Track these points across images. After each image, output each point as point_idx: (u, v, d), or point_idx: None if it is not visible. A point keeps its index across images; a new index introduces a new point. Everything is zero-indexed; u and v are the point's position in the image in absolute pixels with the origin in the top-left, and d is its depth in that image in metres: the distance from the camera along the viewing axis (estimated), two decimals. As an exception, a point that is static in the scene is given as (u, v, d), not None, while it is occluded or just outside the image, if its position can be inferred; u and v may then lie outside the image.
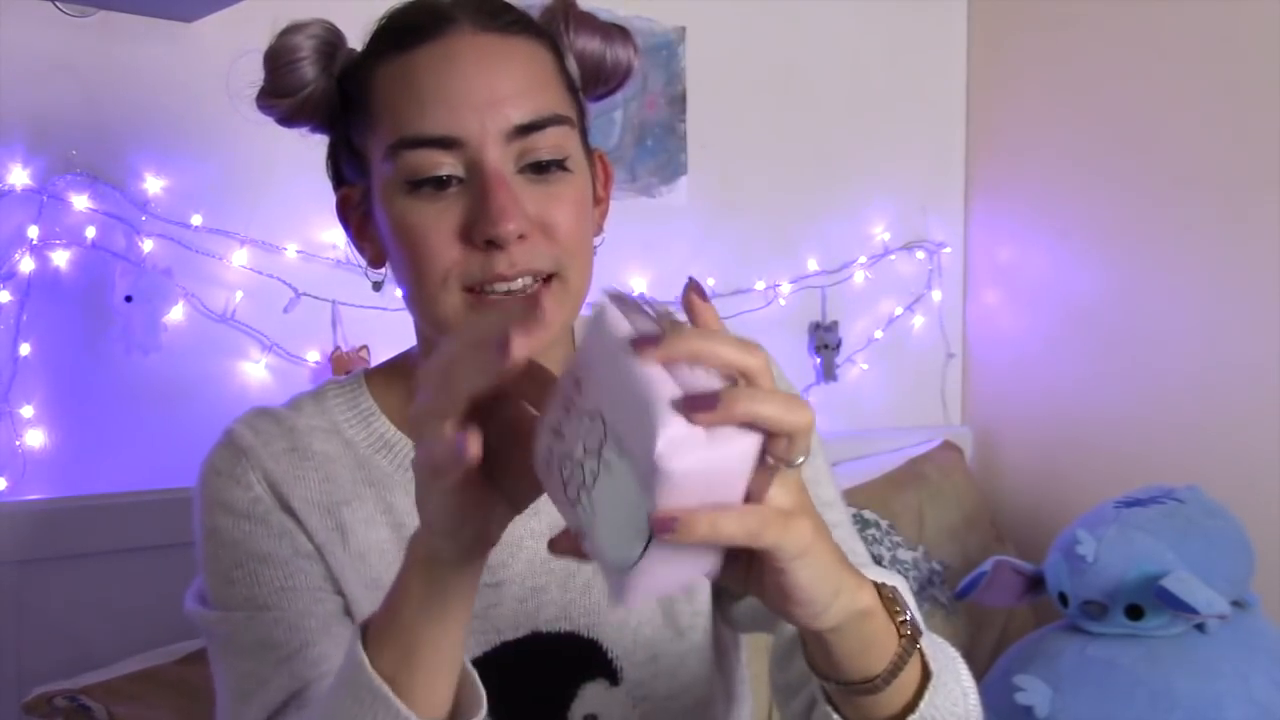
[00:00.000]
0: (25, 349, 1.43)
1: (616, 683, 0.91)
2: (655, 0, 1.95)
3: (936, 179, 2.40)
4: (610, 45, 0.89)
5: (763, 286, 2.12)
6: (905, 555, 1.95)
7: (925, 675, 0.68)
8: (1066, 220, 2.25)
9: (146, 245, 1.50)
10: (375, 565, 0.87)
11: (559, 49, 0.87)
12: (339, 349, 1.63)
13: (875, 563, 1.04)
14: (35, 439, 1.44)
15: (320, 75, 0.85)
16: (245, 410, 0.91)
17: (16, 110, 1.42)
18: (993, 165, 2.39)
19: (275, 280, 1.59)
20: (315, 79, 0.84)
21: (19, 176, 1.42)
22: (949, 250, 2.38)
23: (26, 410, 1.43)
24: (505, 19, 0.83)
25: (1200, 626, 1.67)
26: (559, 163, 0.82)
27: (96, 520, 1.42)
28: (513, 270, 0.78)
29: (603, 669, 0.91)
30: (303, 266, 1.61)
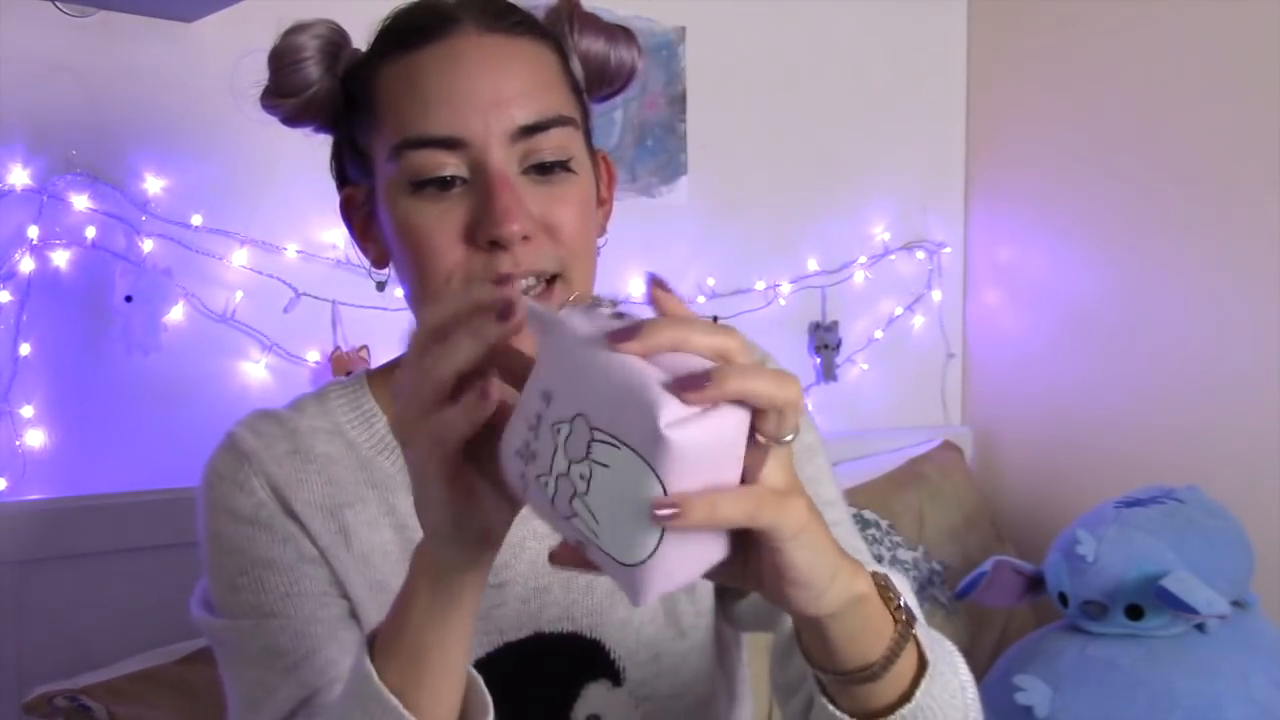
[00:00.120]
0: (25, 349, 1.43)
1: (619, 683, 0.91)
2: (655, 0, 1.95)
3: (936, 179, 2.40)
4: (614, 46, 0.89)
5: (763, 286, 2.12)
6: (905, 555, 1.95)
7: (922, 665, 0.67)
8: (1066, 220, 2.25)
9: (146, 245, 1.50)
10: (379, 567, 0.87)
11: (563, 50, 0.87)
12: (339, 349, 1.63)
13: (875, 562, 1.04)
14: (35, 439, 1.44)
15: (325, 75, 0.85)
16: (246, 412, 0.91)
17: (16, 110, 1.42)
18: (993, 165, 2.39)
19: (275, 280, 1.59)
20: (320, 79, 0.84)
21: (19, 176, 1.42)
22: (949, 250, 2.38)
23: (26, 410, 1.43)
24: (510, 20, 0.83)
25: (1200, 626, 1.67)
26: (563, 164, 0.82)
27: (96, 520, 1.42)
28: (517, 271, 0.78)
29: (605, 669, 0.91)
30: (303, 266, 1.61)
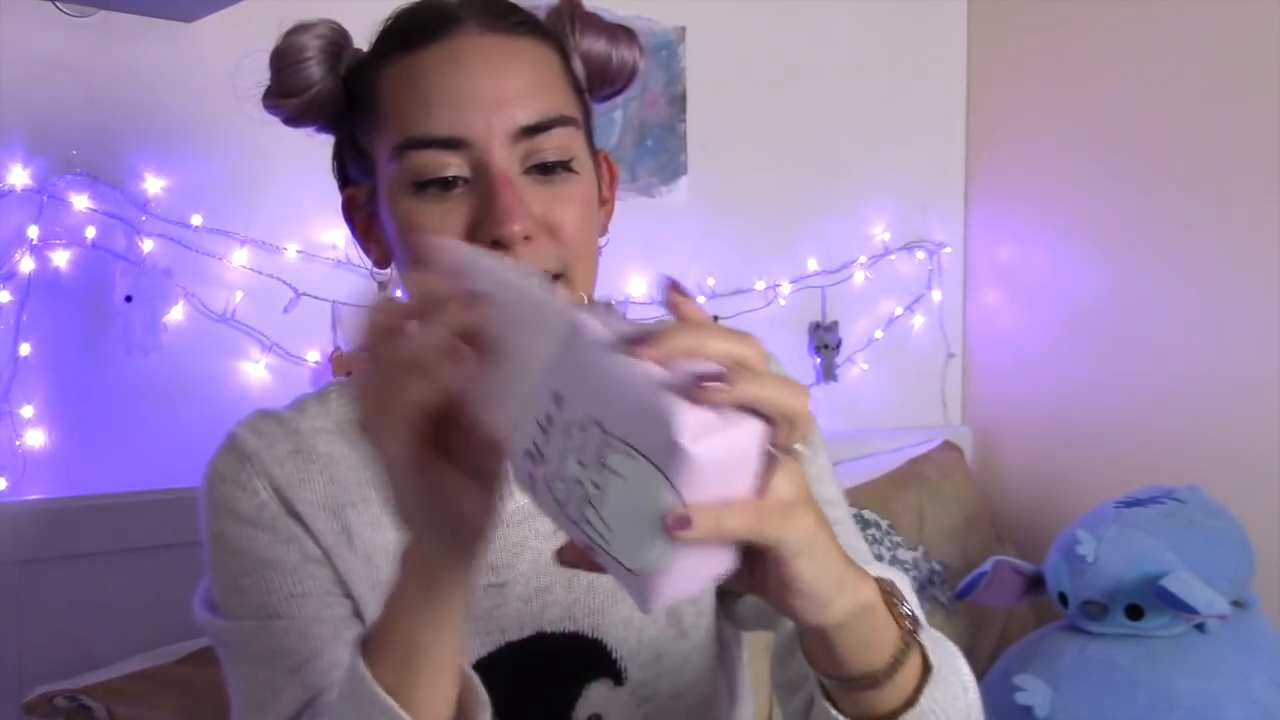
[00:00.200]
0: (25, 349, 1.42)
1: (621, 683, 0.91)
2: (655, 0, 1.95)
3: (936, 179, 2.40)
4: (616, 46, 0.89)
5: (763, 286, 2.11)
6: (905, 555, 1.95)
7: (925, 669, 0.67)
8: (1066, 220, 2.25)
9: (146, 245, 1.50)
10: (382, 567, 0.86)
11: (565, 50, 0.87)
12: (339, 349, 1.63)
13: (875, 562, 1.04)
14: (35, 439, 1.44)
15: (327, 75, 0.85)
16: (247, 412, 0.91)
17: (16, 110, 1.42)
18: (993, 165, 2.39)
19: (275, 280, 1.59)
20: (322, 79, 0.84)
21: (19, 176, 1.42)
22: (949, 250, 2.38)
23: (26, 410, 1.43)
24: (512, 20, 0.83)
25: (1200, 626, 1.67)
26: (564, 163, 0.82)
27: (96, 520, 1.42)
28: None
29: (607, 669, 0.91)
30: (303, 266, 1.61)
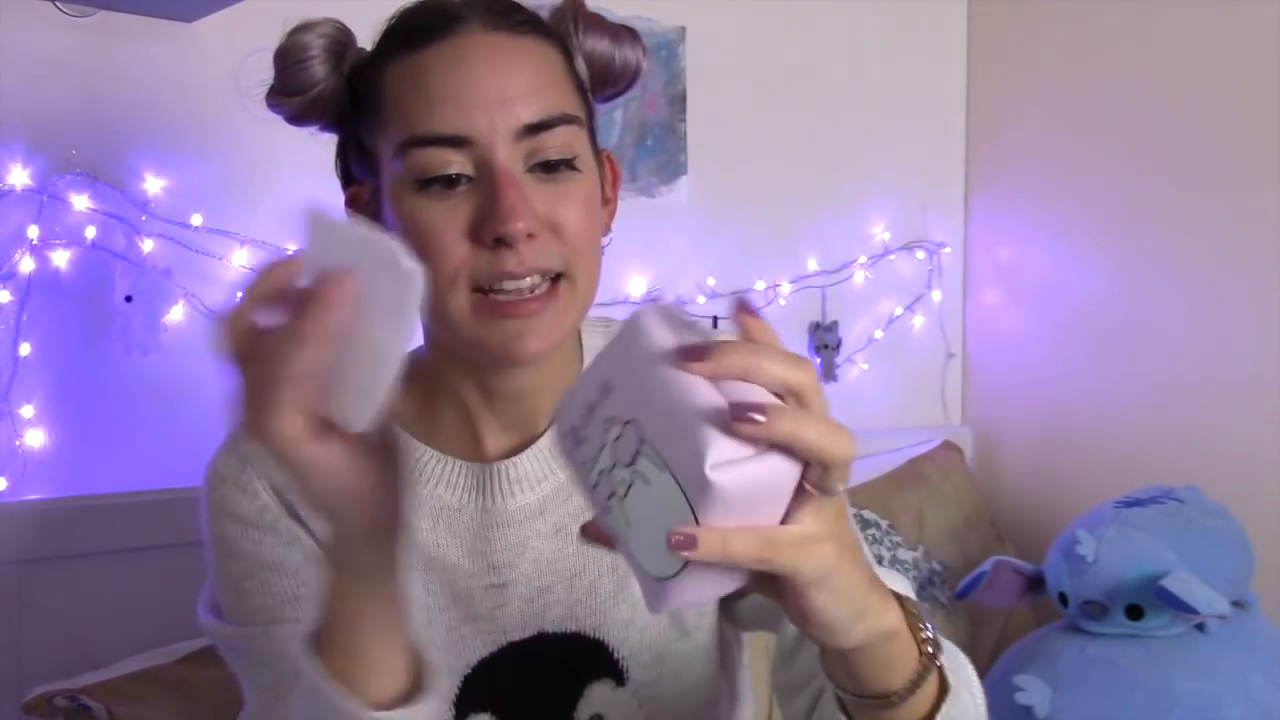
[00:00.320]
0: (25, 349, 1.42)
1: (622, 683, 0.91)
2: (655, 0, 1.95)
3: (936, 178, 2.40)
4: (619, 46, 0.89)
5: (763, 286, 2.11)
6: (905, 555, 1.95)
7: (943, 689, 0.68)
8: (1066, 220, 2.25)
9: (146, 245, 1.50)
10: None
11: (568, 49, 0.87)
12: (339, 349, 1.63)
13: (876, 563, 1.04)
14: (35, 439, 1.44)
15: (330, 74, 0.84)
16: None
17: (16, 110, 1.42)
18: (993, 164, 2.39)
19: (276, 280, 1.59)
20: (325, 78, 0.84)
21: (19, 176, 1.41)
22: (949, 250, 2.38)
23: (26, 410, 1.43)
24: (515, 19, 0.83)
25: (1200, 626, 1.67)
26: (568, 162, 0.82)
27: (96, 520, 1.42)
28: (521, 269, 0.78)
29: (609, 669, 0.91)
30: (303, 266, 1.61)
